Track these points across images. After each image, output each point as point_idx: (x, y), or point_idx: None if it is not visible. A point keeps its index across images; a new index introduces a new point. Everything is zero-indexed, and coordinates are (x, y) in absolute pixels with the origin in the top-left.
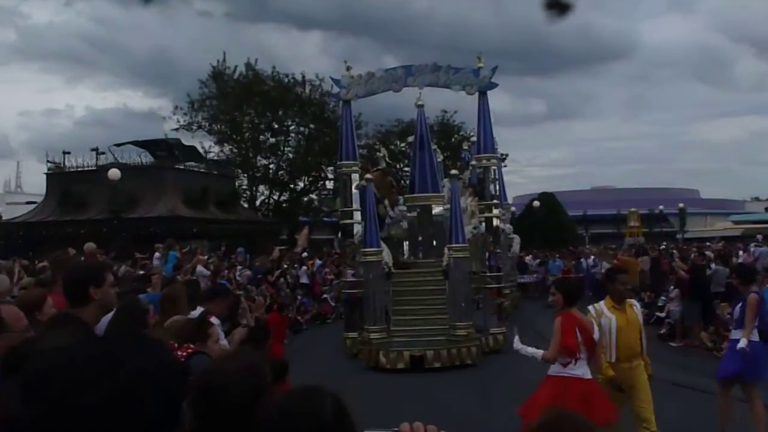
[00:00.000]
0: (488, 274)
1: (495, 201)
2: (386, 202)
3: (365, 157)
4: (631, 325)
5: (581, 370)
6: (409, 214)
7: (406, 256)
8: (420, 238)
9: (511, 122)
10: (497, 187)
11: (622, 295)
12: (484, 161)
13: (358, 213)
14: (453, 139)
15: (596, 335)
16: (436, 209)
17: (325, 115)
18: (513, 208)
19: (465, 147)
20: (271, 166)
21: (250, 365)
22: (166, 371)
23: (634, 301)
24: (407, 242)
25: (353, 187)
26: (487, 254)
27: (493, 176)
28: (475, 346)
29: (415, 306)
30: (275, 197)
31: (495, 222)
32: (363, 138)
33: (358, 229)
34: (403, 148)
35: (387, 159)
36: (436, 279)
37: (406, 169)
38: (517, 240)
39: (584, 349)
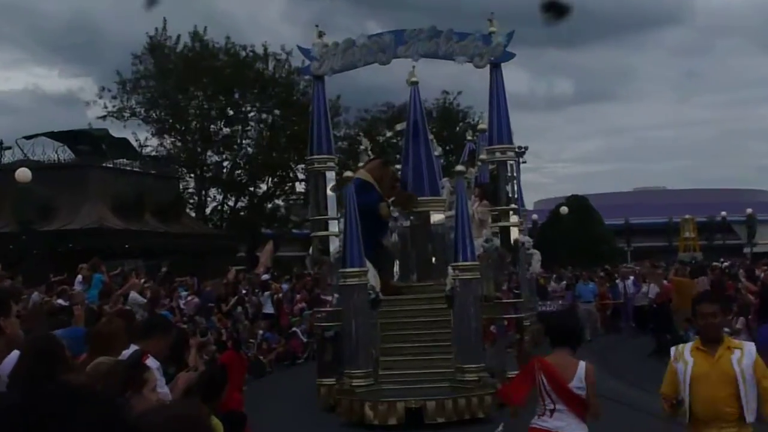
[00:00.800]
0: (504, 300)
1: (512, 206)
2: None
3: (345, 151)
4: (720, 375)
5: (555, 423)
6: (400, 224)
7: (396, 278)
8: (415, 255)
9: (530, 106)
10: (514, 189)
11: (709, 333)
12: (497, 154)
13: (335, 223)
14: (457, 128)
15: (576, 383)
16: (436, 217)
17: (294, 98)
18: (534, 216)
19: (469, 138)
20: (225, 163)
21: (183, 419)
22: None
23: (746, 344)
24: (398, 260)
25: (328, 189)
26: (502, 275)
27: (509, 174)
28: (489, 395)
29: (411, 343)
30: (230, 203)
31: (513, 233)
32: (342, 127)
33: (336, 243)
34: (393, 140)
35: (369, 153)
36: (436, 308)
37: (397, 166)
38: (537, 256)
39: (557, 398)
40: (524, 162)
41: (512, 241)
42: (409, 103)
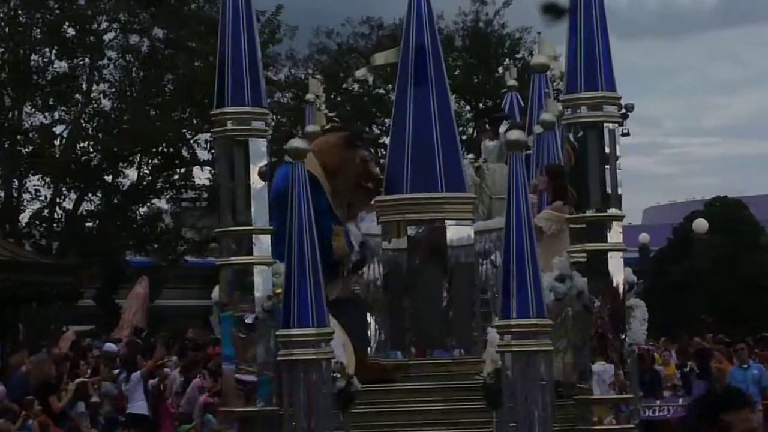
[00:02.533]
0: (597, 396)
1: (613, 213)
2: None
3: (290, 109)
4: None
5: None
6: (384, 245)
7: (372, 350)
8: (415, 305)
9: (634, 30)
10: (615, 180)
11: None
12: (582, 111)
13: (265, 241)
14: (499, 68)
15: None
16: (457, 232)
17: (185, 11)
18: (644, 237)
19: (512, 82)
20: (58, 129)
21: None
22: None
23: None
24: (377, 316)
25: (253, 174)
26: (589, 343)
27: (607, 149)
28: None
29: None
30: (67, 205)
31: (613, 264)
32: (285, 63)
33: (266, 280)
34: (375, 87)
35: (324, 110)
36: (462, 408)
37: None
38: (640, 312)
39: None
40: (626, 133)
41: (611, 281)
42: (408, 15)
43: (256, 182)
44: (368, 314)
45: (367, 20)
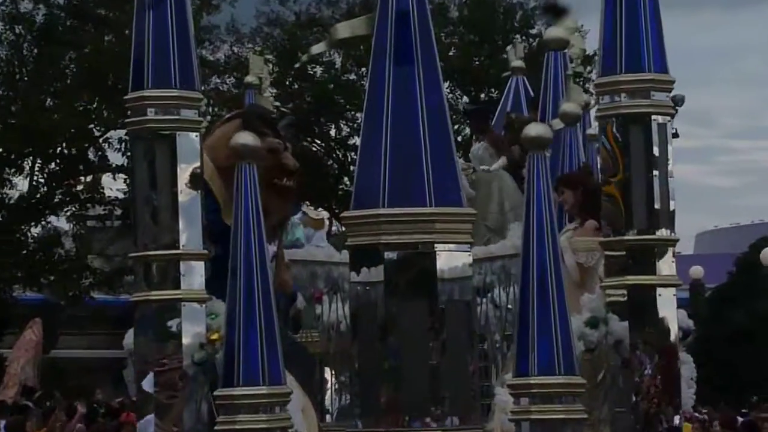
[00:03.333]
0: None
1: (666, 235)
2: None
3: (232, 98)
4: None
5: None
6: (352, 276)
7: (333, 417)
8: (392, 357)
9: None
10: (668, 190)
11: None
12: (621, 99)
13: (197, 270)
14: (508, 47)
15: None
16: (449, 258)
17: None
18: (696, 270)
19: (517, 63)
20: None
21: None
22: None
23: None
24: (340, 370)
25: (181, 181)
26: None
27: (656, 151)
28: None
29: None
30: None
31: (665, 306)
32: (227, 38)
33: (202, 322)
34: (344, 71)
35: (272, 96)
36: None
37: (349, 134)
38: (687, 366)
39: None
40: (673, 134)
41: (661, 327)
42: None
43: (186, 190)
44: (326, 369)
45: None
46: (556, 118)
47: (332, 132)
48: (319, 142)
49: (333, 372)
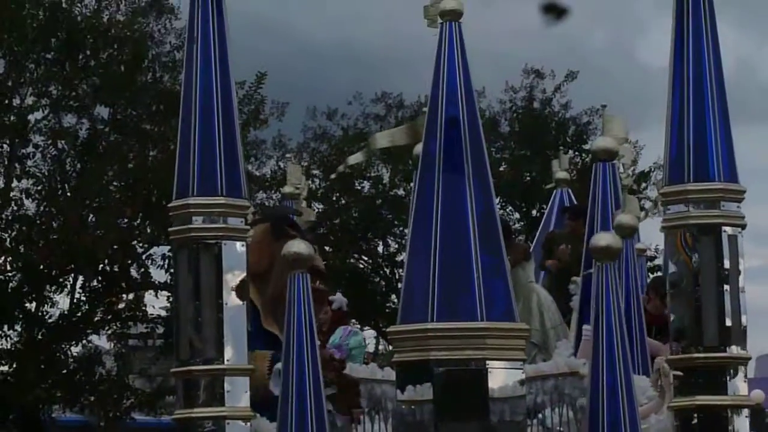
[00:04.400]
0: None
1: (740, 353)
2: None
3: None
4: None
5: None
6: (397, 395)
7: None
8: None
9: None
10: (740, 313)
11: None
12: (690, 210)
13: (244, 384)
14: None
15: None
16: (501, 376)
17: (137, 83)
18: (758, 396)
19: (562, 174)
20: None
21: None
22: None
23: None
24: None
25: (226, 291)
26: None
27: (729, 263)
28: None
29: None
30: None
31: (739, 424)
32: (273, 152)
33: None
34: (392, 186)
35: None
36: None
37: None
38: None
39: None
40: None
41: None
42: (436, 79)
43: (231, 302)
44: None
45: (383, 97)
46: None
47: (379, 248)
48: (366, 258)
49: None
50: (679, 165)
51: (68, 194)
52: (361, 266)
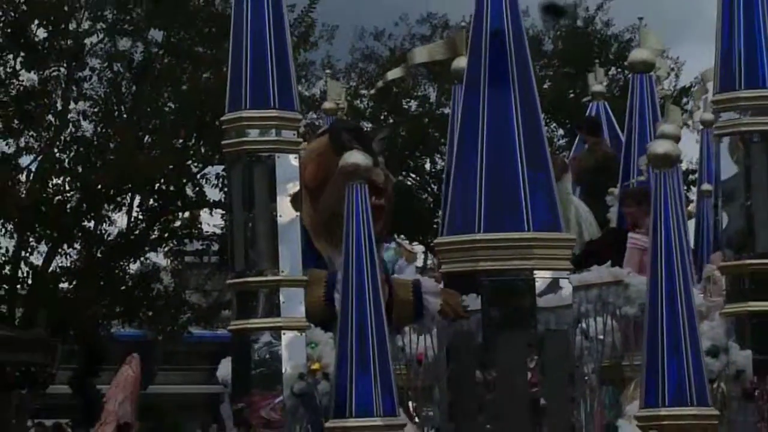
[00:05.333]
0: None
1: None
2: None
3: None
4: None
5: None
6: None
7: None
8: (489, 392)
9: None
10: None
11: None
12: (743, 115)
13: (298, 296)
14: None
15: None
16: (549, 286)
17: (190, 7)
18: None
19: (599, 87)
20: (26, 163)
21: None
22: None
23: None
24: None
25: (281, 202)
26: None
27: None
28: None
29: None
30: (35, 260)
31: None
32: (323, 73)
33: (302, 352)
34: (439, 105)
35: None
36: None
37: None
38: None
39: None
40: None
41: None
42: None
43: (286, 214)
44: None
45: (428, 17)
46: (643, 155)
47: (427, 166)
48: (414, 175)
49: (415, 406)
50: (729, 72)
51: (124, 116)
52: (409, 183)
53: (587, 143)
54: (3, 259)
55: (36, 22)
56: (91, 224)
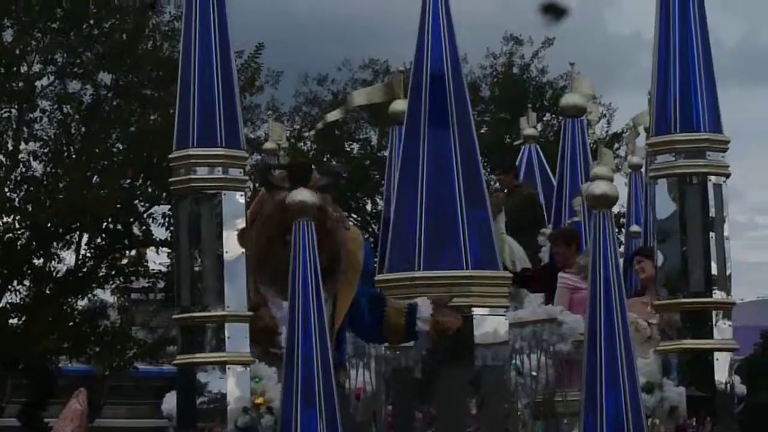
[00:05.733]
0: None
1: (724, 298)
2: None
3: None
4: None
5: None
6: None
7: None
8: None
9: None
10: (721, 254)
11: None
12: (679, 160)
13: (243, 331)
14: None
15: None
16: (487, 323)
17: (138, 51)
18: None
19: (530, 131)
20: None
21: None
22: None
23: None
24: None
25: (226, 239)
26: None
27: (714, 212)
28: None
29: None
30: None
31: (722, 366)
32: (268, 117)
33: (246, 385)
34: (380, 148)
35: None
36: None
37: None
38: None
39: None
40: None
41: (719, 392)
42: (421, 40)
43: (232, 250)
44: None
45: (370, 63)
46: (577, 197)
47: (368, 207)
48: (355, 216)
49: None
50: (665, 116)
51: (73, 156)
52: (351, 223)
53: (505, 185)
54: None
55: None
56: (41, 261)
